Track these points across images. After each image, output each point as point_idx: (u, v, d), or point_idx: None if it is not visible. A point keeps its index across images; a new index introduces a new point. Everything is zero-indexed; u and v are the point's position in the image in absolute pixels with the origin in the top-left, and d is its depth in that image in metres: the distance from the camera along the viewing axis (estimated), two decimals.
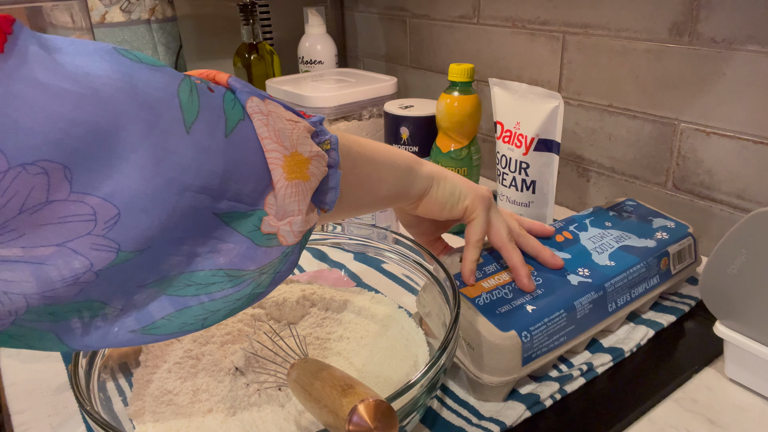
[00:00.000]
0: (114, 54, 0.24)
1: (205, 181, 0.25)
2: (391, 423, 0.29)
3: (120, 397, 0.45)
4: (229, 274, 0.28)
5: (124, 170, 0.23)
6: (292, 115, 0.31)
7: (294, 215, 0.29)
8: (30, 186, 0.21)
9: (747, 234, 0.40)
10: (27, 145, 0.20)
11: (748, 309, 0.42)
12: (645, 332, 0.50)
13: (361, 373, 0.45)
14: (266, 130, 0.28)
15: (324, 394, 0.33)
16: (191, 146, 0.25)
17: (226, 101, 0.27)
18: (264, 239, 0.28)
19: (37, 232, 0.22)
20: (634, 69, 0.66)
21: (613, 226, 0.55)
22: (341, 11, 1.15)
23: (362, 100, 0.81)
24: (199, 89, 0.26)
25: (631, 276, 0.50)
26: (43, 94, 0.21)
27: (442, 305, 0.45)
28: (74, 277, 0.23)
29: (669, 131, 0.65)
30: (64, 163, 0.21)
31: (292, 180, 0.29)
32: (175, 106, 0.25)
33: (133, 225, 0.23)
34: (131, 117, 0.23)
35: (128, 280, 0.25)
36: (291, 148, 0.29)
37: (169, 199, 0.24)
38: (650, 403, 0.43)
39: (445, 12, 0.91)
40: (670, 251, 0.53)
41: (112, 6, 1.26)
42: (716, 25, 0.58)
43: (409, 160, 0.43)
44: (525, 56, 0.79)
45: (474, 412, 0.43)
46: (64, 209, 0.22)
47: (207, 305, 0.28)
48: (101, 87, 0.22)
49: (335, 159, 0.33)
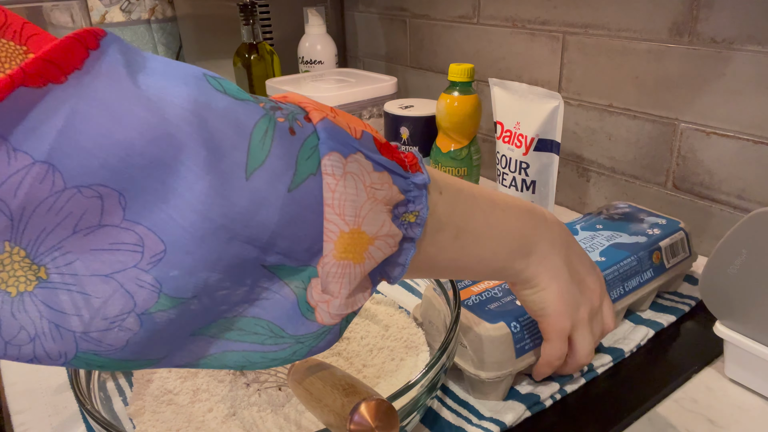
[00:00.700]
0: (200, 80, 0.23)
1: (254, 233, 0.23)
2: (392, 423, 0.29)
3: (120, 397, 0.45)
4: (271, 329, 0.26)
5: (177, 206, 0.22)
6: (382, 177, 0.27)
7: (333, 297, 0.27)
8: (84, 208, 0.20)
9: (747, 234, 0.40)
10: (85, 167, 0.20)
11: (748, 309, 0.42)
12: (645, 332, 0.50)
13: (361, 374, 0.45)
14: (331, 197, 0.25)
15: (325, 393, 0.33)
16: (247, 194, 0.23)
17: (304, 149, 0.25)
18: (306, 308, 0.26)
19: (88, 257, 0.21)
20: (634, 69, 0.66)
21: (605, 228, 0.56)
22: (341, 11, 1.15)
23: (362, 100, 0.81)
24: (277, 131, 0.24)
25: (622, 269, 0.50)
26: (108, 116, 0.20)
27: (443, 306, 0.45)
28: (118, 318, 0.22)
29: (669, 131, 0.65)
30: (119, 189, 0.21)
31: (341, 260, 0.26)
32: (242, 149, 0.23)
33: (177, 265, 0.22)
34: (193, 153, 0.22)
35: (177, 331, 0.24)
36: (353, 224, 0.26)
37: (216, 246, 0.23)
38: (650, 403, 0.43)
39: (445, 12, 0.91)
40: (661, 245, 0.54)
41: (112, 6, 1.26)
42: (716, 25, 0.58)
43: (523, 239, 0.36)
44: (525, 56, 0.79)
45: (474, 412, 0.43)
46: (116, 235, 0.21)
47: (248, 354, 0.27)
48: (171, 116, 0.21)
49: (415, 234, 0.29)
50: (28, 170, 0.19)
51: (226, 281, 0.24)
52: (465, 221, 0.33)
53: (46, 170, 0.20)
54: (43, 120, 0.19)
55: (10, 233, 0.20)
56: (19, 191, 0.19)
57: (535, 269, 0.38)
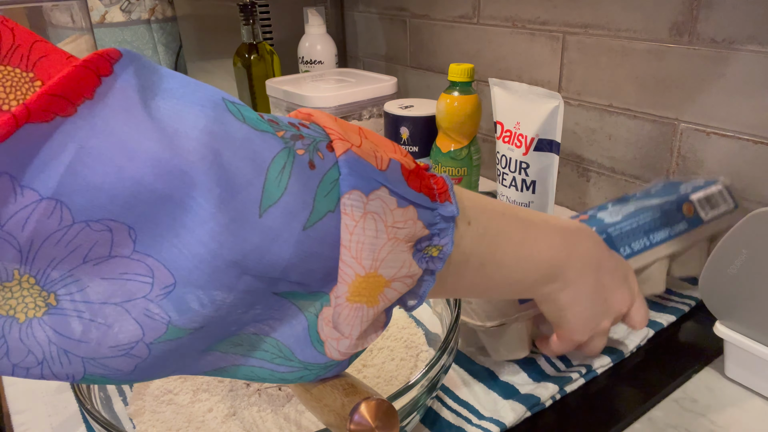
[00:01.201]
0: (218, 108, 0.22)
1: (266, 268, 0.23)
2: (393, 423, 0.29)
3: (120, 397, 0.45)
4: (280, 350, 0.26)
5: (188, 242, 0.21)
6: (406, 213, 0.26)
7: (342, 337, 0.26)
8: (93, 240, 0.20)
9: (747, 234, 0.40)
10: (93, 203, 0.20)
11: (748, 309, 0.42)
12: (645, 332, 0.50)
13: (361, 374, 0.45)
14: (349, 239, 0.24)
15: (325, 393, 0.33)
16: (259, 231, 0.22)
17: (324, 184, 0.24)
18: (316, 339, 0.26)
19: (99, 285, 0.21)
20: (634, 69, 0.66)
21: (636, 198, 0.54)
22: (341, 11, 1.15)
23: (362, 100, 0.81)
24: (296, 165, 0.23)
25: (643, 221, 0.49)
26: (119, 151, 0.20)
27: (443, 306, 0.45)
28: (126, 347, 0.22)
29: (669, 131, 0.65)
30: (129, 223, 0.20)
31: (354, 303, 0.25)
32: (257, 185, 0.22)
33: (187, 300, 0.22)
34: (205, 191, 0.21)
35: (186, 353, 0.24)
36: (370, 268, 0.25)
37: (226, 281, 0.22)
38: (650, 403, 0.43)
39: (445, 12, 0.91)
40: (693, 198, 0.53)
41: (112, 6, 1.26)
42: (716, 25, 0.58)
43: (552, 268, 0.35)
44: (525, 56, 0.79)
45: (474, 412, 0.43)
46: (126, 266, 0.21)
47: (257, 370, 0.26)
48: (185, 150, 0.21)
49: (436, 267, 0.28)
50: (35, 206, 0.19)
51: (237, 309, 0.23)
52: (492, 252, 0.32)
53: (54, 206, 0.19)
54: (51, 156, 0.19)
55: (19, 263, 0.20)
56: (27, 226, 0.19)
57: (559, 294, 0.37)
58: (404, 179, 0.27)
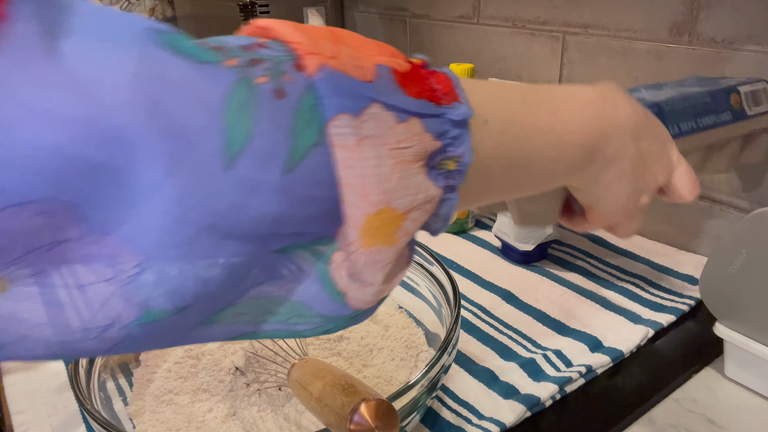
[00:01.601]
0: (145, 43, 0.18)
1: (251, 228, 0.19)
2: (392, 423, 0.29)
3: (120, 397, 0.45)
4: (295, 309, 0.22)
5: (147, 211, 0.18)
6: (410, 128, 0.21)
7: (365, 285, 0.22)
8: (31, 227, 0.17)
9: (747, 234, 0.40)
10: (13, 183, 0.16)
11: (748, 309, 0.42)
12: (645, 332, 0.50)
13: (361, 374, 0.45)
14: (349, 174, 0.20)
15: (325, 393, 0.33)
16: (232, 185, 0.18)
17: (300, 113, 0.19)
18: (334, 291, 0.22)
19: (58, 269, 0.18)
20: (634, 69, 0.66)
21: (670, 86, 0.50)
22: (341, 11, 1.15)
23: None
24: (259, 97, 0.19)
25: (693, 100, 0.46)
26: (27, 115, 0.16)
27: (443, 305, 0.45)
28: (99, 330, 0.19)
29: None
30: (71, 202, 0.17)
31: (370, 247, 0.21)
32: (214, 130, 0.18)
33: (162, 279, 0.18)
34: (149, 149, 0.17)
35: (175, 330, 0.20)
36: (380, 203, 0.21)
37: (205, 249, 0.19)
38: (650, 403, 0.43)
39: (445, 12, 0.91)
40: (740, 89, 0.50)
41: (112, 6, 1.26)
42: (716, 25, 0.58)
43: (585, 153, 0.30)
44: (525, 56, 0.79)
45: (474, 411, 0.43)
46: (83, 249, 0.18)
47: (271, 333, 0.23)
48: (111, 104, 0.17)
49: (457, 182, 0.24)
50: None
51: (229, 279, 0.20)
52: (519, 149, 0.27)
53: None
54: None
55: None
56: None
57: (599, 176, 0.32)
58: (399, 86, 0.22)
